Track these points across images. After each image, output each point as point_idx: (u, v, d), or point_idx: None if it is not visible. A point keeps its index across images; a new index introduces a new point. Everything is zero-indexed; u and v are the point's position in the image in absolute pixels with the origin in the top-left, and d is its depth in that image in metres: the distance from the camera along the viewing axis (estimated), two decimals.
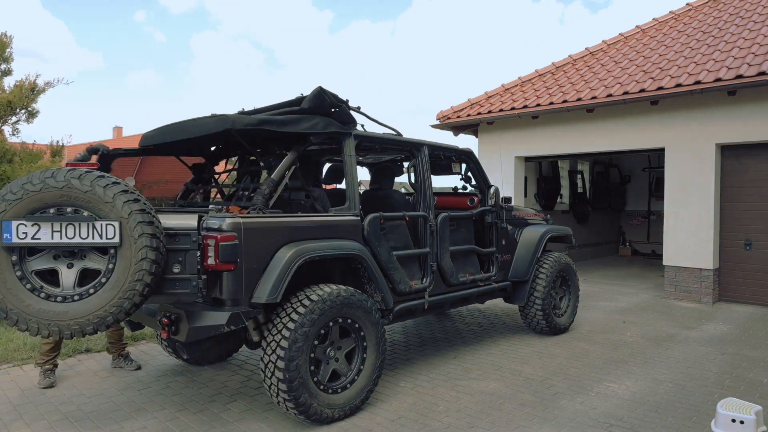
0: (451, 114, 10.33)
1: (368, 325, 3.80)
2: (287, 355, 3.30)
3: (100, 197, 2.92)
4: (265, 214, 3.51)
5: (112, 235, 2.93)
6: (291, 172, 3.84)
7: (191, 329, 3.19)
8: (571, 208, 12.23)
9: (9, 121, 7.12)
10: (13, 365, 4.81)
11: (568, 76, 9.77)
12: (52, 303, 2.92)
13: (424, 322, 6.49)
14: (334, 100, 3.96)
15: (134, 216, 2.95)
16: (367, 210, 4.21)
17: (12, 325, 2.90)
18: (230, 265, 3.22)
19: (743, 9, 9.29)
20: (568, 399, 4.03)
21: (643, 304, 7.54)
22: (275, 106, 4.13)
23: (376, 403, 3.95)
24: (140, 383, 4.38)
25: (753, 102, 7.09)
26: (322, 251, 3.61)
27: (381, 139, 4.45)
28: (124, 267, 2.95)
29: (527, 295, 5.59)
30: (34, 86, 7.07)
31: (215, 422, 3.64)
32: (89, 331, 2.96)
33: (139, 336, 5.61)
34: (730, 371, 4.66)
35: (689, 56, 8.13)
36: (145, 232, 2.96)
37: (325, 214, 3.91)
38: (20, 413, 3.78)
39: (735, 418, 3.06)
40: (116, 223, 2.93)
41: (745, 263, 7.53)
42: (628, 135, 8.33)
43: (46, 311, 2.90)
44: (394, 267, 4.19)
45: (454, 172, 5.66)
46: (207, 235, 3.23)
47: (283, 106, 4.07)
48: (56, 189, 2.89)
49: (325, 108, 3.94)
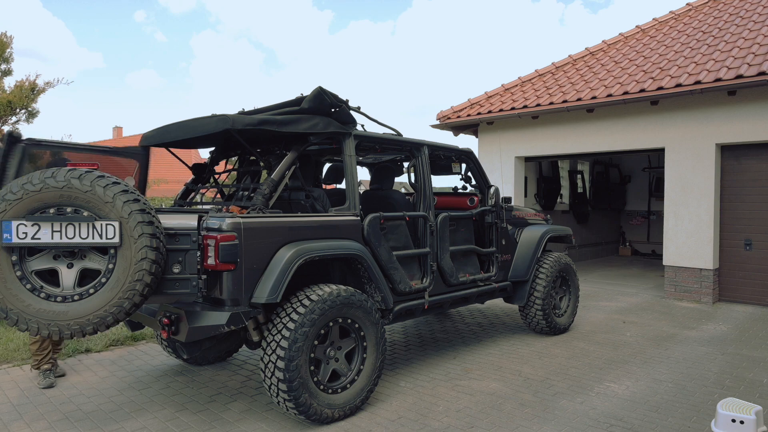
0: (451, 114, 10.34)
1: (368, 325, 3.80)
2: (287, 355, 3.30)
3: (100, 197, 2.92)
4: (265, 214, 3.52)
5: (112, 235, 2.93)
6: (291, 172, 3.84)
7: (191, 329, 3.19)
8: (571, 208, 12.23)
9: (9, 120, 7.13)
10: (13, 365, 4.81)
11: (568, 76, 9.78)
12: (52, 303, 2.92)
13: (424, 322, 6.49)
14: (334, 100, 3.96)
15: (134, 216, 2.95)
16: (367, 210, 4.21)
17: (12, 325, 2.90)
18: (230, 265, 3.22)
19: (743, 9, 9.29)
20: (568, 399, 4.03)
21: (643, 304, 7.54)
22: (275, 106, 4.13)
23: (376, 403, 3.95)
24: (140, 383, 4.38)
25: (753, 102, 7.09)
26: (322, 251, 3.61)
27: (381, 139, 4.46)
28: (124, 267, 2.95)
29: (527, 295, 5.59)
30: (34, 86, 7.08)
31: (215, 422, 3.64)
32: (89, 331, 2.96)
33: (139, 336, 5.61)
34: (730, 371, 4.66)
35: (689, 56, 8.13)
36: (145, 232, 2.96)
37: (325, 214, 3.91)
38: (20, 413, 3.78)
39: (735, 418, 3.06)
40: (116, 223, 2.93)
41: (745, 263, 7.53)
42: (628, 135, 8.33)
43: (46, 311, 2.90)
44: (394, 267, 4.19)
45: (454, 172, 5.66)
46: (207, 235, 3.24)
47: (284, 106, 4.07)
48: (56, 189, 2.89)
49: (325, 108, 3.94)
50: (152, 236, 2.98)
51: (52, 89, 7.15)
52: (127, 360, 5.01)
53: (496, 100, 10.11)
